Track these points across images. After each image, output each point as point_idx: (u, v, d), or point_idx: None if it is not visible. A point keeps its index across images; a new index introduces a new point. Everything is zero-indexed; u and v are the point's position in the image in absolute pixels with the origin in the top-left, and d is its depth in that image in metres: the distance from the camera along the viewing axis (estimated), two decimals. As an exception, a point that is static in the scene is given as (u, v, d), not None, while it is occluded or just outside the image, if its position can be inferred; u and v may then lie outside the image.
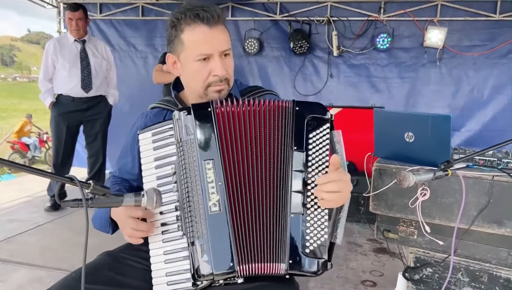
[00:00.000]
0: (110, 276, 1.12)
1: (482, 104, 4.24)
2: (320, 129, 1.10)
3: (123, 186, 1.30)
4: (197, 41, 1.17)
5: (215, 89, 1.20)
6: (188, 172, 1.08)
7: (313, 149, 1.08)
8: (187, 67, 1.21)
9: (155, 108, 1.34)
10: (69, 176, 0.86)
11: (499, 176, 1.72)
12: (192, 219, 1.06)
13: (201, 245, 1.04)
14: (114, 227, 1.21)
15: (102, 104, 3.81)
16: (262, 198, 1.08)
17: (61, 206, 3.80)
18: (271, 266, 1.06)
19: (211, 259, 1.03)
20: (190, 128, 1.10)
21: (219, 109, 1.11)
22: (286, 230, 1.06)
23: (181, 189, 1.09)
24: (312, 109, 1.12)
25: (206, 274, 1.03)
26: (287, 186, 1.07)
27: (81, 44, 3.67)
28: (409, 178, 1.24)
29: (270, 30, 4.61)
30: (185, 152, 1.09)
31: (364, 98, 4.46)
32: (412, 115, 2.00)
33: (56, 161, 3.76)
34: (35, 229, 3.20)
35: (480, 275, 1.83)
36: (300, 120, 1.10)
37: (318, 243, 1.05)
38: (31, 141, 11.60)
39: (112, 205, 0.96)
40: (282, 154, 1.09)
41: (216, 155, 1.08)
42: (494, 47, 4.11)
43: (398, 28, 4.33)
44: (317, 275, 1.05)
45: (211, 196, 1.06)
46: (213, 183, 1.06)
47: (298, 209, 1.06)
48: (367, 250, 2.90)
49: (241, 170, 1.09)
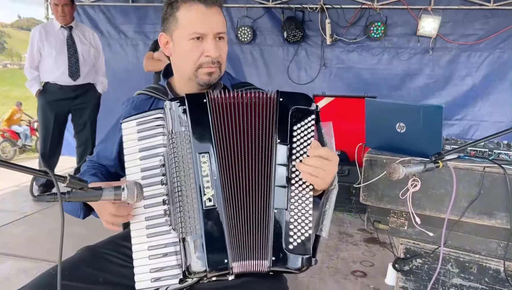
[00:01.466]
0: (89, 273, 1.08)
1: (475, 93, 4.23)
2: (304, 121, 1.06)
3: (99, 171, 1.26)
4: (192, 19, 1.14)
5: (205, 71, 1.17)
6: (181, 165, 1.03)
7: (297, 142, 1.05)
8: (179, 46, 1.18)
9: (141, 95, 1.30)
10: (43, 169, 0.82)
11: (490, 167, 1.71)
12: (184, 214, 1.02)
13: (194, 241, 1.00)
14: (86, 212, 1.17)
15: (90, 92, 3.74)
16: (249, 193, 1.05)
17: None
18: (254, 263, 1.03)
19: (205, 256, 0.99)
20: (183, 119, 1.05)
21: (215, 100, 1.07)
22: (269, 225, 1.03)
23: (172, 183, 1.04)
24: (297, 100, 1.08)
25: (198, 271, 0.99)
26: (270, 181, 1.04)
27: (67, 31, 3.58)
28: (399, 170, 1.22)
29: (262, 18, 4.55)
30: (177, 144, 1.04)
31: (357, 87, 4.42)
32: (403, 105, 1.97)
33: (44, 150, 3.71)
34: (22, 219, 3.15)
35: (470, 266, 1.82)
36: (284, 112, 1.06)
37: (302, 238, 1.02)
38: (22, 129, 11.43)
39: (90, 199, 0.92)
40: (266, 148, 1.06)
41: (211, 148, 1.04)
42: (488, 36, 4.08)
43: (391, 17, 4.28)
44: (301, 271, 1.02)
45: (206, 191, 1.02)
46: (208, 177, 1.02)
47: (282, 204, 1.03)
48: (357, 240, 2.90)
49: (233, 163, 1.05)
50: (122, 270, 1.13)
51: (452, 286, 1.85)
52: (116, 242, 1.14)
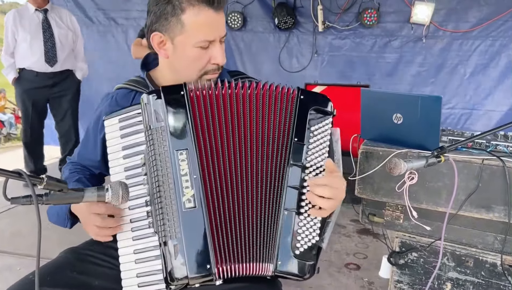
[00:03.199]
0: (72, 277, 1.02)
1: (467, 82, 4.20)
2: (322, 123, 1.01)
3: (83, 175, 1.18)
4: (201, 26, 1.04)
5: (208, 77, 1.10)
6: (159, 163, 0.97)
7: (313, 144, 0.99)
8: (183, 52, 1.08)
9: (121, 89, 1.21)
10: (16, 170, 0.75)
11: (488, 160, 1.67)
12: (164, 217, 0.95)
13: (174, 245, 0.94)
14: (73, 221, 1.10)
15: (69, 80, 3.58)
16: (249, 192, 0.98)
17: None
18: (257, 266, 0.97)
19: (186, 261, 0.93)
20: (160, 113, 0.98)
21: (194, 92, 0.99)
22: (277, 228, 0.97)
23: (151, 183, 0.98)
24: (317, 100, 1.02)
25: (180, 278, 0.93)
26: (283, 180, 0.98)
27: (42, 14, 3.40)
28: (400, 165, 1.16)
29: (253, 4, 4.43)
30: (154, 140, 0.97)
31: (349, 75, 4.37)
32: (401, 95, 1.91)
33: (26, 139, 3.61)
34: (5, 212, 3.04)
35: (466, 260, 1.80)
36: (303, 110, 1.00)
37: (309, 244, 0.97)
38: (6, 117, 11.19)
39: (71, 201, 0.85)
40: (280, 145, 0.99)
41: (190, 144, 0.96)
42: (480, 24, 4.04)
43: (384, 3, 4.21)
44: (304, 279, 0.97)
45: (185, 191, 0.95)
46: (187, 176, 0.95)
47: (292, 206, 0.97)
48: (350, 231, 2.87)
49: (221, 161, 0.98)
50: (108, 272, 1.07)
51: (448, 280, 1.83)
52: (100, 243, 1.06)
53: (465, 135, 1.92)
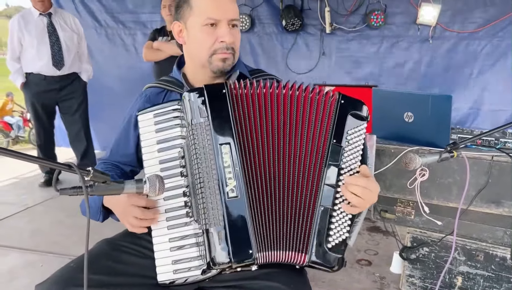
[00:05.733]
0: (109, 266, 1.08)
1: (474, 82, 4.24)
2: (359, 127, 1.07)
3: (115, 172, 1.25)
4: (206, 6, 1.14)
5: (219, 57, 1.17)
6: (202, 157, 1.02)
7: (349, 146, 1.05)
8: (193, 33, 1.18)
9: (152, 88, 1.28)
10: (67, 163, 0.81)
11: (498, 156, 1.72)
12: (207, 205, 1.01)
13: (218, 232, 0.99)
14: (105, 215, 1.17)
15: (75, 82, 3.62)
16: (288, 186, 1.05)
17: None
18: (292, 255, 1.03)
19: (229, 247, 0.99)
20: (203, 110, 1.04)
21: (236, 90, 1.06)
22: (313, 221, 1.03)
23: (193, 174, 1.04)
24: (355, 105, 1.08)
25: (223, 262, 0.99)
26: (320, 178, 1.04)
27: (47, 18, 3.42)
28: (415, 160, 1.22)
29: (261, 6, 4.49)
30: (197, 135, 1.03)
31: (357, 76, 4.42)
32: (412, 94, 1.96)
33: (39, 141, 3.67)
34: (24, 211, 3.12)
35: (476, 254, 1.85)
36: (343, 114, 1.07)
37: (340, 239, 1.03)
38: (14, 120, 11.29)
39: (112, 193, 0.91)
40: (319, 145, 1.05)
41: (232, 138, 1.03)
42: (487, 24, 4.07)
43: (391, 5, 4.25)
44: (333, 270, 1.03)
45: (228, 181, 1.01)
46: (230, 168, 1.01)
47: (328, 203, 1.04)
48: (360, 229, 2.91)
49: (261, 155, 1.04)
50: (142, 261, 1.13)
51: (459, 274, 1.88)
52: (133, 234, 1.13)
53: (474, 133, 1.97)
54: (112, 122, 4.86)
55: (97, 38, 4.81)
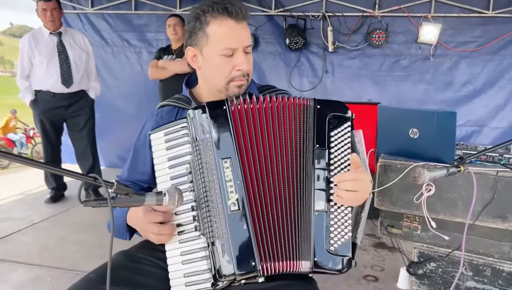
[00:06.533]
0: (127, 276, 1.10)
1: (475, 100, 4.30)
2: (341, 128, 1.09)
3: (134, 189, 1.27)
4: (223, 35, 1.16)
5: (236, 84, 1.20)
6: (205, 171, 1.06)
7: (335, 147, 1.08)
8: (210, 61, 1.20)
9: (165, 106, 1.32)
10: (93, 175, 0.84)
11: (503, 172, 1.74)
12: (211, 219, 1.04)
13: (222, 245, 1.02)
14: (131, 233, 1.20)
15: (83, 100, 3.68)
16: (283, 196, 1.07)
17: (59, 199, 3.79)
18: (295, 264, 1.05)
19: (233, 259, 1.02)
20: (205, 126, 1.08)
21: (235, 106, 1.10)
22: (310, 227, 1.05)
23: (198, 189, 1.07)
24: (333, 107, 1.12)
25: (228, 274, 1.01)
26: (310, 184, 1.07)
27: (57, 37, 3.50)
28: (424, 174, 1.24)
29: (265, 25, 4.60)
30: (201, 151, 1.07)
31: (359, 93, 4.49)
32: (417, 111, 2.00)
33: (47, 158, 3.70)
34: (30, 227, 3.13)
35: (484, 269, 1.85)
36: (321, 118, 1.10)
37: (342, 240, 1.04)
38: (17, 137, 11.39)
39: (134, 205, 0.94)
40: (304, 152, 1.08)
41: (233, 153, 1.06)
42: (487, 43, 4.16)
43: (392, 24, 4.35)
44: (341, 273, 1.04)
45: (230, 195, 1.04)
46: (231, 182, 1.05)
47: (322, 207, 1.06)
48: (366, 245, 2.92)
49: (259, 168, 1.08)
50: (159, 272, 1.15)
51: (466, 289, 1.88)
52: (149, 246, 1.16)
53: (478, 149, 2.00)
54: (117, 139, 4.95)
55: (103, 56, 4.91)
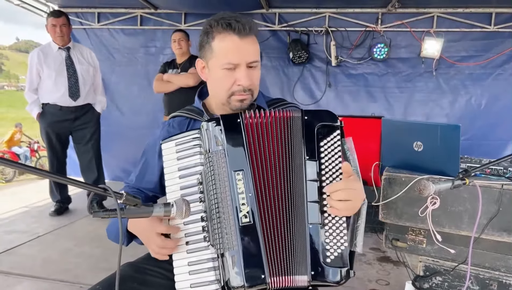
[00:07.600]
0: (134, 287, 1.11)
1: (478, 113, 4.31)
2: (330, 137, 1.10)
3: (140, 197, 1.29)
4: (225, 50, 1.18)
5: (237, 98, 1.21)
6: (218, 183, 1.07)
7: (325, 157, 1.09)
8: (213, 74, 1.23)
9: (177, 117, 1.34)
10: (103, 186, 0.86)
11: (508, 185, 1.75)
12: (222, 230, 1.05)
13: (232, 256, 1.03)
14: (129, 239, 1.20)
15: (90, 113, 3.74)
16: (283, 209, 1.08)
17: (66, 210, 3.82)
18: (297, 278, 1.05)
19: (242, 271, 1.02)
20: (219, 138, 1.10)
21: (248, 120, 1.11)
22: (305, 241, 1.05)
23: (209, 200, 1.08)
24: (321, 117, 1.12)
25: (236, 286, 1.02)
26: (302, 196, 1.07)
27: (65, 52, 3.58)
28: (429, 187, 1.25)
29: (269, 40, 4.65)
30: (214, 162, 1.09)
31: (362, 107, 4.51)
32: (421, 124, 2.02)
33: (52, 169, 3.73)
34: (35, 240, 3.13)
35: (490, 283, 1.84)
36: (309, 129, 1.11)
37: (339, 251, 1.05)
38: (22, 151, 11.44)
39: (142, 216, 0.95)
40: (295, 164, 1.09)
41: (246, 166, 1.08)
42: (489, 57, 4.19)
43: (395, 39, 4.39)
44: (339, 284, 1.04)
45: (242, 207, 1.05)
46: (244, 194, 1.06)
47: (315, 219, 1.06)
48: (371, 259, 2.91)
49: (266, 181, 1.09)
50: (165, 283, 1.16)
51: (473, 303, 1.87)
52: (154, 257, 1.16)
53: (482, 162, 2.00)
54: (122, 152, 4.98)
55: (109, 70, 4.96)
